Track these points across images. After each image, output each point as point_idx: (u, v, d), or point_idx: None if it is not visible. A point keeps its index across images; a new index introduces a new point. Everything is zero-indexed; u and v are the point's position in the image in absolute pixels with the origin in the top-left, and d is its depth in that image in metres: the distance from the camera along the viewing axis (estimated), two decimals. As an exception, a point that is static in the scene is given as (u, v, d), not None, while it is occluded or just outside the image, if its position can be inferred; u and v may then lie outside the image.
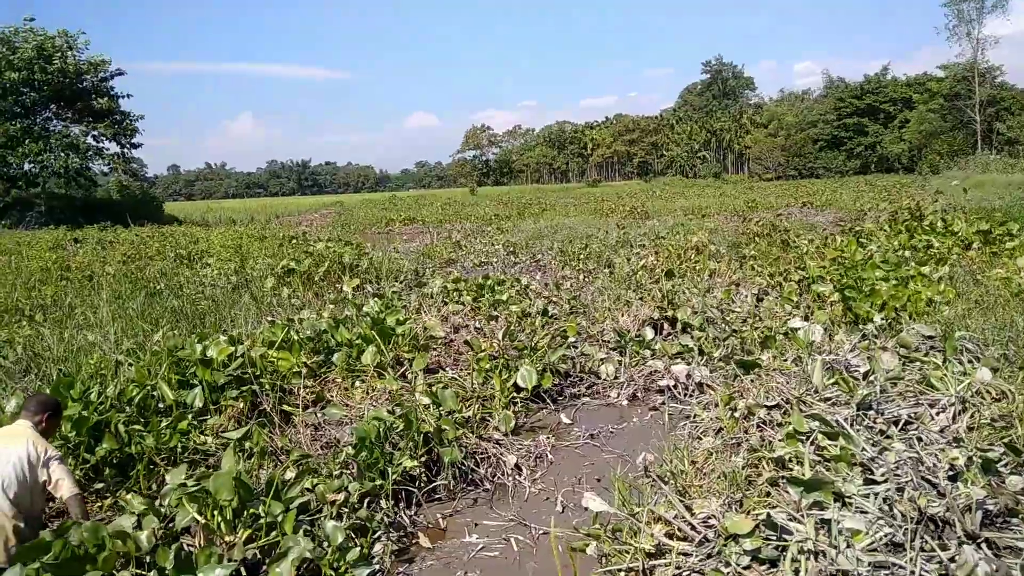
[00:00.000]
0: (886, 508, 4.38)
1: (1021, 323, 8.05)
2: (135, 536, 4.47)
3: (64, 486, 4.67)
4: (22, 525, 4.48)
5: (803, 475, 4.84)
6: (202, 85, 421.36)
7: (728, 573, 4.18)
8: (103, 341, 9.24)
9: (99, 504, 5.89)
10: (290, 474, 5.63)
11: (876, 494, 4.51)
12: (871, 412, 5.93)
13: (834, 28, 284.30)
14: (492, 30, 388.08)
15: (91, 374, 7.75)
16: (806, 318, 9.70)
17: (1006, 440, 5.10)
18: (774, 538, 4.23)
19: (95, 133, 46.15)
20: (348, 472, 5.92)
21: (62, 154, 43.16)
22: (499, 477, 6.67)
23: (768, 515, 4.39)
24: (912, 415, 5.80)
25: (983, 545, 4.02)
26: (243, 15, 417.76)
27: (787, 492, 4.72)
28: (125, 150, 48.50)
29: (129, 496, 5.28)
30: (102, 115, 45.90)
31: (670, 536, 4.69)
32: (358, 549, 4.90)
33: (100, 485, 6.05)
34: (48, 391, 6.43)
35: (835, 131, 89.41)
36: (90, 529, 4.29)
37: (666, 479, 5.59)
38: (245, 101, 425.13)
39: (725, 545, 4.32)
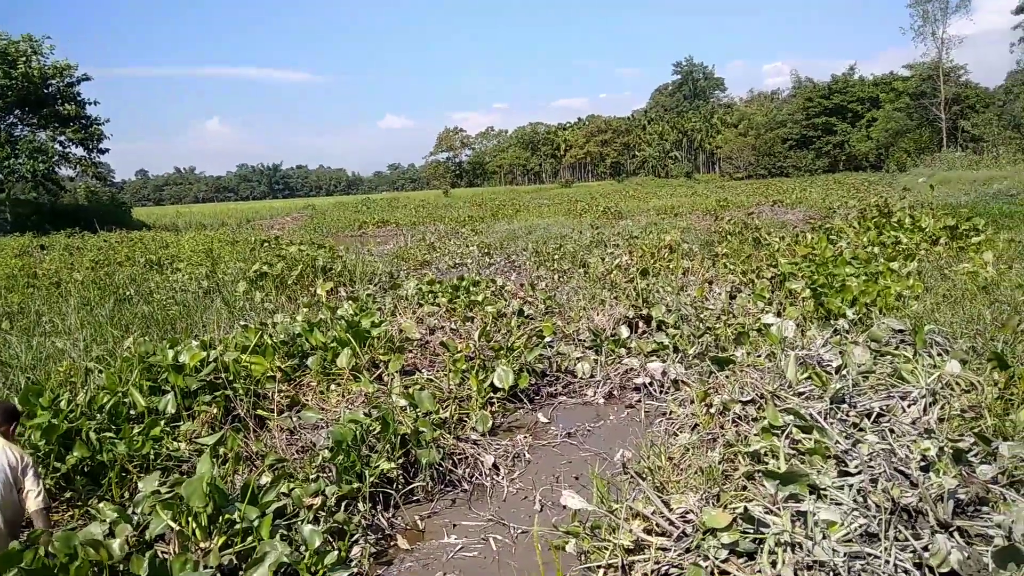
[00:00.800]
0: (860, 499, 4.43)
1: (988, 316, 8.20)
2: (107, 544, 4.39)
3: (32, 498, 4.56)
4: (7, 534, 4.39)
5: (779, 468, 4.89)
6: (170, 89, 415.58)
7: (706, 567, 4.21)
8: (72, 348, 9.09)
9: (70, 513, 5.79)
10: (266, 479, 5.57)
11: (850, 486, 4.56)
12: (844, 405, 6.00)
13: (801, 29, 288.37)
14: (463, 32, 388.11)
15: (60, 382, 7.62)
16: (779, 314, 9.79)
17: (976, 430, 5.20)
18: (751, 531, 4.26)
19: (62, 139, 45.44)
20: (325, 476, 5.87)
21: (28, 159, 42.40)
22: (477, 477, 6.66)
23: (745, 509, 4.42)
24: (884, 408, 5.88)
25: (955, 534, 4.08)
26: (211, 18, 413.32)
27: (763, 486, 4.75)
28: (92, 155, 47.79)
29: (101, 504, 5.20)
30: (68, 120, 45.19)
31: (649, 532, 4.71)
32: (336, 552, 4.86)
33: (71, 494, 5.95)
34: (16, 399, 6.31)
35: (804, 130, 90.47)
36: (61, 538, 4.21)
37: (644, 475, 5.61)
38: (214, 104, 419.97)
39: (703, 539, 4.34)
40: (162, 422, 6.64)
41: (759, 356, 7.98)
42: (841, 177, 66.08)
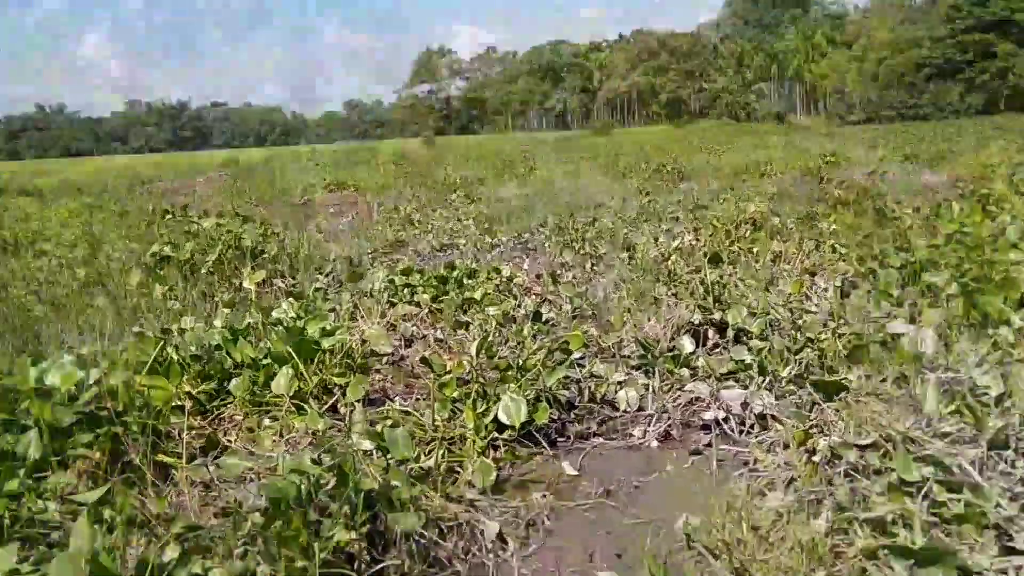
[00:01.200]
0: (1032, 587, 4.43)
1: None
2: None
3: None
4: None
5: (913, 543, 4.88)
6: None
7: None
8: None
9: None
10: (171, 554, 5.60)
11: (1018, 568, 4.56)
12: (1008, 452, 5.99)
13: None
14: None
15: None
16: (912, 320, 9.78)
17: None
18: (874, 634, 4.27)
19: None
20: (255, 550, 5.90)
21: None
22: (475, 553, 6.67)
23: (865, 601, 4.43)
24: (1066, 456, 5.87)
25: None
26: None
27: (891, 568, 4.76)
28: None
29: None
30: None
31: (724, 634, 4.72)
32: (272, 661, 4.89)
33: None
34: None
35: (949, 53, 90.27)
36: None
37: (717, 552, 5.62)
38: (92, 17, 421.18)
39: (803, 645, 4.35)
40: (21, 472, 6.67)
41: (884, 380, 7.97)
42: (1004, 120, 66.03)
